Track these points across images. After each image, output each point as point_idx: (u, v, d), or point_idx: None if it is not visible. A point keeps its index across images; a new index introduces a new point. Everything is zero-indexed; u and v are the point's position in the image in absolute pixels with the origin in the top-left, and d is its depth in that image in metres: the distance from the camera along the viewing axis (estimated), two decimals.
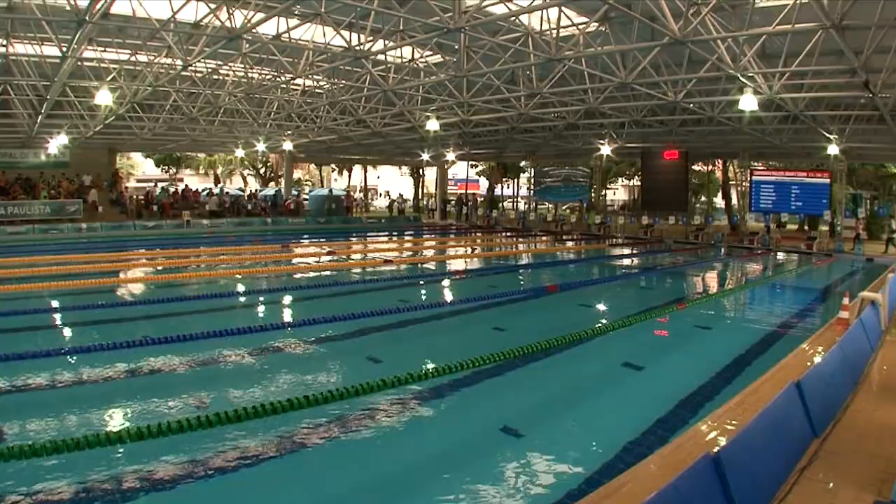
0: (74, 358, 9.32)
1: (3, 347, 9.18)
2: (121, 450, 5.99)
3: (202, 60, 18.45)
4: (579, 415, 7.77)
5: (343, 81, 24.02)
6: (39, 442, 5.50)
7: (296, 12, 15.36)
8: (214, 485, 5.59)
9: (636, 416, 7.31)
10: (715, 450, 4.03)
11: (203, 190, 44.40)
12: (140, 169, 71.91)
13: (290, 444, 6.34)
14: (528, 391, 8.43)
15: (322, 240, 31.07)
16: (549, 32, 16.39)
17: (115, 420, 7.28)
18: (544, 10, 15.61)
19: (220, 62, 21.36)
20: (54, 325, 12.55)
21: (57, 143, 31.46)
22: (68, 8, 14.28)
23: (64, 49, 16.39)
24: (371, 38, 16.73)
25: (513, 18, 15.80)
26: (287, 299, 15.70)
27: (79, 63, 19.56)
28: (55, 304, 14.49)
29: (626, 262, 25.15)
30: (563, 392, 8.55)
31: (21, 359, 8.78)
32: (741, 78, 16.96)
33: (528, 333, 10.63)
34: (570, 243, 31.49)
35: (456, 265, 22.79)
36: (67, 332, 12.17)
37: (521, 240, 33.63)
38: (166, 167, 66.92)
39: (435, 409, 7.75)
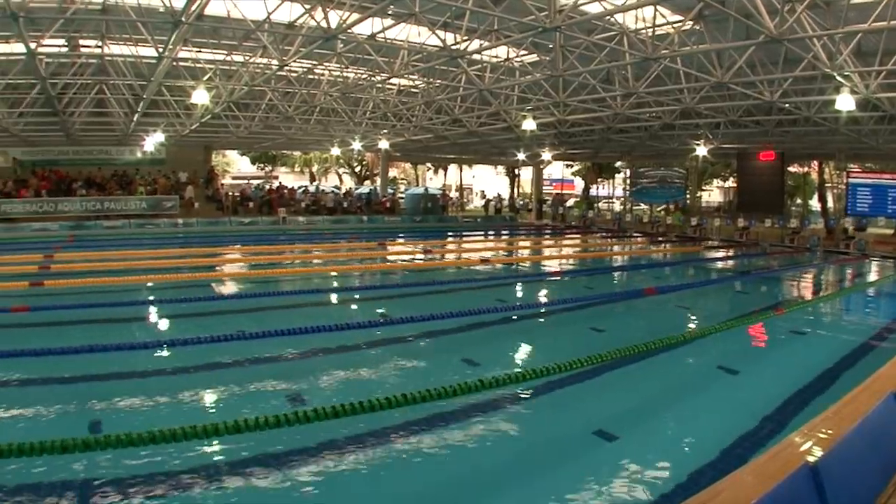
0: (169, 351, 10.08)
1: (100, 338, 9.90)
2: (216, 443, 6.43)
3: (297, 60, 19.43)
4: (673, 419, 8.02)
5: (439, 81, 24.96)
6: (136, 432, 5.86)
7: (389, 12, 16.17)
8: (308, 480, 5.97)
9: (730, 422, 7.54)
10: (812, 460, 4.15)
11: (299, 188, 46.80)
12: (235, 166, 75.29)
13: (384, 441, 6.77)
14: (623, 394, 8.76)
15: (418, 238, 32.40)
16: (644, 31, 17.07)
17: (210, 413, 7.80)
18: (639, 9, 16.29)
19: (314, 62, 22.55)
20: (149, 318, 13.38)
21: (153, 141, 33.84)
22: (161, 10, 15.37)
23: (160, 50, 17.68)
24: (466, 37, 17.49)
25: (607, 17, 16.19)
26: (382, 297, 16.27)
27: (174, 63, 21.08)
28: (151, 297, 15.30)
29: (722, 264, 25.92)
30: (657, 396, 8.85)
31: (119, 350, 9.53)
32: (837, 77, 17.29)
33: (625, 335, 11.05)
34: (665, 245, 31.91)
35: (552, 266, 23.40)
36: (163, 324, 13.02)
37: (616, 241, 34.40)
38: (262, 165, 70.81)
39: (529, 409, 8.15)
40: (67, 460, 5.93)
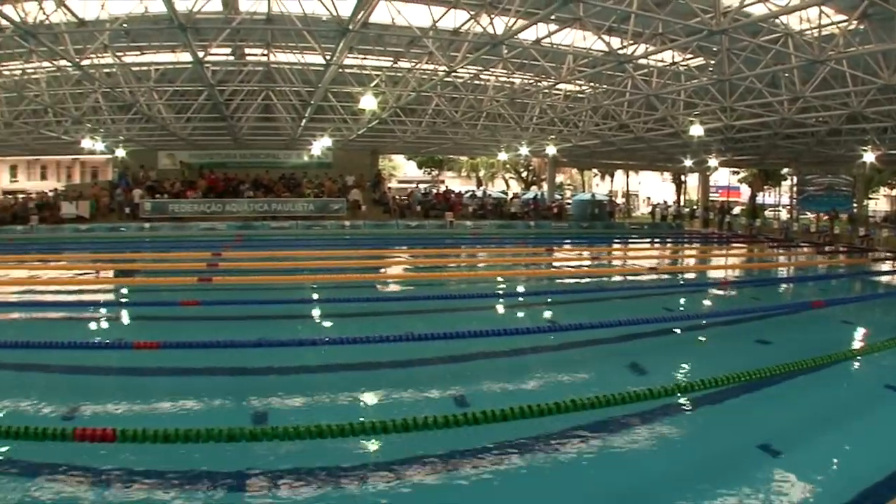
0: (331, 348, 10.78)
1: (267, 333, 11.05)
2: (369, 441, 7.02)
3: (464, 66, 20.57)
4: (838, 437, 8.14)
5: (605, 86, 26.08)
6: (291, 425, 6.26)
7: (553, 17, 16.74)
8: (470, 482, 6.42)
9: None
10: None
11: (466, 192, 48.51)
12: (402, 170, 79.49)
13: (547, 447, 7.16)
14: (787, 409, 8.99)
15: (584, 244, 33.75)
16: (808, 33, 17.44)
17: (364, 411, 8.45)
18: (803, 10, 16.39)
19: (480, 67, 23.66)
20: (315, 317, 14.64)
21: (320, 145, 36.37)
22: (325, 18, 17.08)
23: (327, 57, 19.28)
24: (632, 41, 18.34)
25: (771, 19, 16.49)
26: (548, 303, 16.90)
27: (340, 70, 22.59)
28: (317, 296, 16.72)
29: (890, 278, 26.24)
30: (822, 412, 9.06)
31: (283, 346, 10.50)
32: None
33: (792, 349, 11.28)
34: (832, 256, 32.28)
35: (717, 275, 24.02)
36: (328, 323, 14.16)
37: (782, 250, 34.91)
38: (428, 169, 74.60)
39: (693, 420, 8.54)
40: (230, 449, 6.58)
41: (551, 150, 38.73)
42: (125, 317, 15.34)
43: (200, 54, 19.87)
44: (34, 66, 23.76)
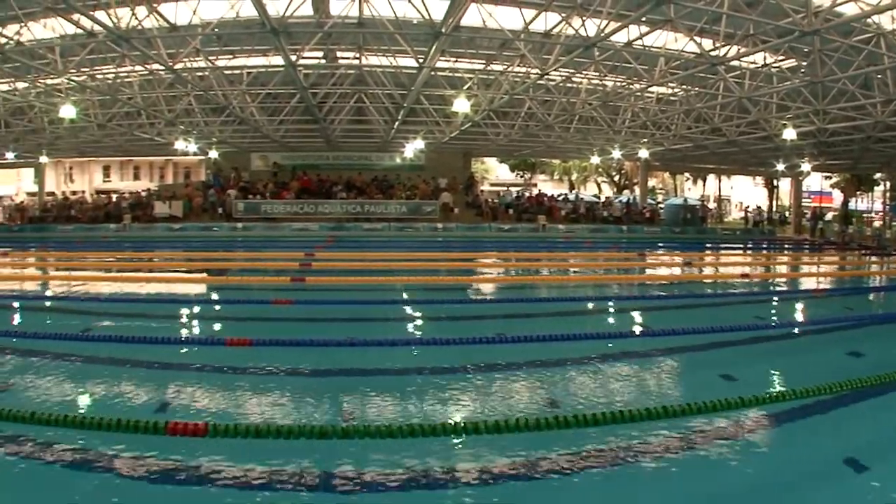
0: (422, 349, 11.09)
1: (358, 333, 11.28)
2: (456, 441, 7.01)
3: (556, 69, 20.88)
4: None
5: (697, 88, 26.14)
6: (373, 425, 6.49)
7: (643, 19, 16.83)
8: (545, 487, 6.39)
9: None
10: None
11: (559, 195, 48.85)
12: (494, 173, 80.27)
13: (630, 453, 7.06)
14: (878, 424, 8.75)
15: (676, 249, 33.48)
16: None
17: (452, 411, 8.53)
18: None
19: (572, 70, 23.98)
20: (405, 317, 14.82)
21: (413, 148, 37.13)
22: (415, 21, 17.45)
23: (420, 60, 19.74)
24: (723, 43, 18.39)
25: (863, 19, 16.29)
26: (640, 308, 17.00)
27: (432, 73, 22.95)
28: (407, 297, 16.86)
29: None
30: None
31: (379, 345, 10.77)
32: None
33: (886, 361, 10.87)
34: None
35: (809, 283, 23.82)
36: (418, 324, 14.40)
37: (875, 259, 33.50)
38: (521, 172, 74.95)
39: (779, 431, 8.30)
40: (316, 446, 6.67)
41: (644, 153, 38.79)
42: (217, 314, 15.88)
43: (293, 58, 20.44)
44: (127, 69, 24.64)
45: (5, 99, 27.49)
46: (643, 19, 16.97)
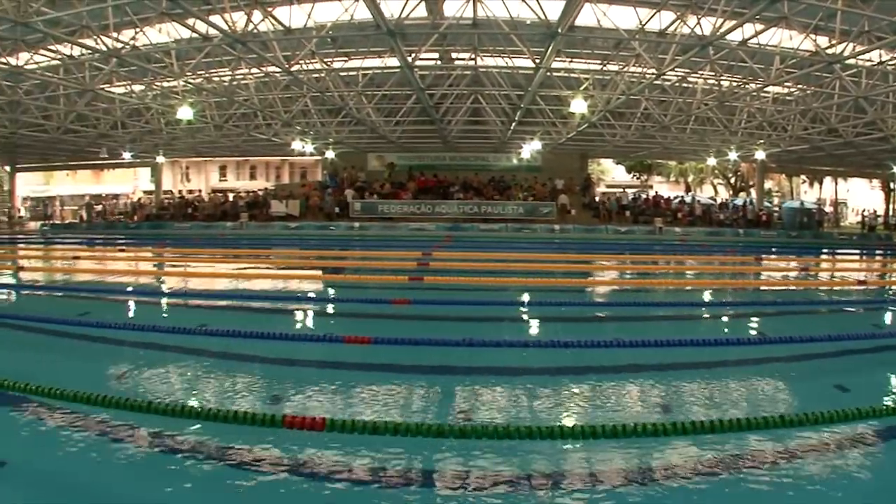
0: (536, 351, 11.19)
1: (474, 333, 11.45)
2: (567, 446, 7.03)
3: (672, 69, 21.07)
4: None
5: (812, 88, 25.85)
6: (490, 425, 6.55)
7: (757, 17, 16.76)
8: (652, 495, 6.30)
9: None
10: None
11: (675, 197, 48.35)
12: (610, 174, 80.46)
13: (740, 465, 6.86)
14: None
15: (793, 254, 32.86)
16: None
17: (563, 414, 8.57)
18: None
19: (687, 70, 24.07)
20: (519, 318, 14.85)
21: (530, 149, 37.78)
22: (528, 22, 17.95)
23: (536, 61, 20.23)
24: (838, 40, 18.20)
25: None
26: (754, 314, 16.38)
27: (548, 73, 23.42)
28: (523, 298, 16.93)
29: None
30: None
31: (497, 346, 10.90)
32: None
33: None
34: None
35: None
36: (533, 325, 14.35)
37: None
38: (637, 174, 75.43)
39: (891, 447, 7.86)
40: (429, 444, 6.79)
41: (760, 154, 38.44)
42: (335, 312, 16.34)
43: (409, 59, 21.13)
44: (243, 72, 25.87)
45: (122, 101, 28.88)
46: (757, 17, 16.97)
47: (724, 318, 16.04)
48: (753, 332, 14.32)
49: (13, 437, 7.53)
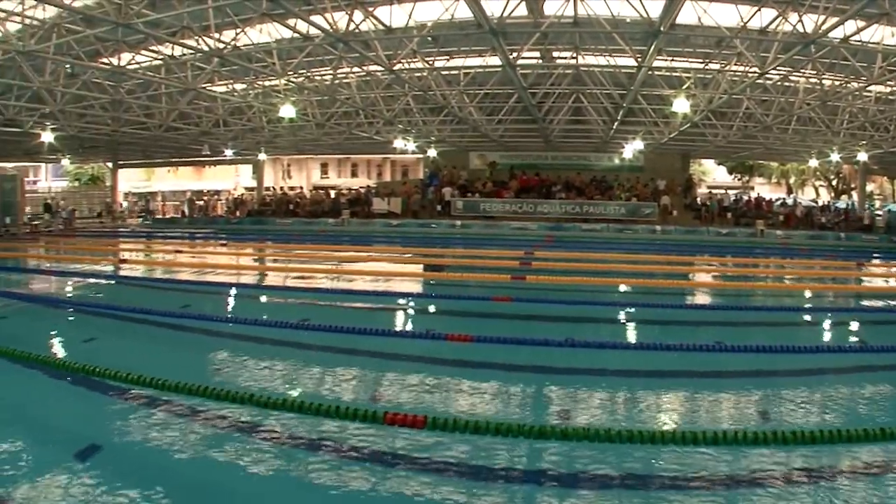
0: (634, 353, 11.61)
1: (574, 333, 11.76)
2: (665, 450, 7.16)
3: (774, 67, 20.96)
4: None
5: None
6: (581, 427, 6.90)
7: (858, 14, 16.57)
8: (744, 501, 6.46)
9: None
10: None
11: (776, 199, 48.59)
12: (711, 175, 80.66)
13: (840, 476, 6.98)
14: None
15: (893, 260, 32.60)
16: None
17: (661, 419, 8.84)
18: None
19: (789, 68, 23.96)
20: (620, 320, 15.33)
21: (632, 148, 38.08)
22: (628, 20, 18.31)
23: (639, 59, 20.63)
24: None
25: None
26: (855, 320, 16.64)
27: (649, 72, 23.64)
28: (623, 299, 17.66)
29: None
30: None
31: (601, 347, 11.23)
32: None
33: None
34: None
35: None
36: (632, 327, 14.94)
37: None
38: (738, 175, 75.15)
39: None
40: (527, 444, 7.16)
41: (862, 156, 38.14)
42: (437, 309, 17.03)
43: (511, 56, 21.49)
44: (345, 71, 26.60)
45: (224, 99, 29.90)
46: (859, 13, 16.80)
47: (825, 325, 16.12)
48: (854, 340, 14.44)
49: (109, 424, 8.23)
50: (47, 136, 31.96)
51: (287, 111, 25.63)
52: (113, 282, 22.00)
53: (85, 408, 9.04)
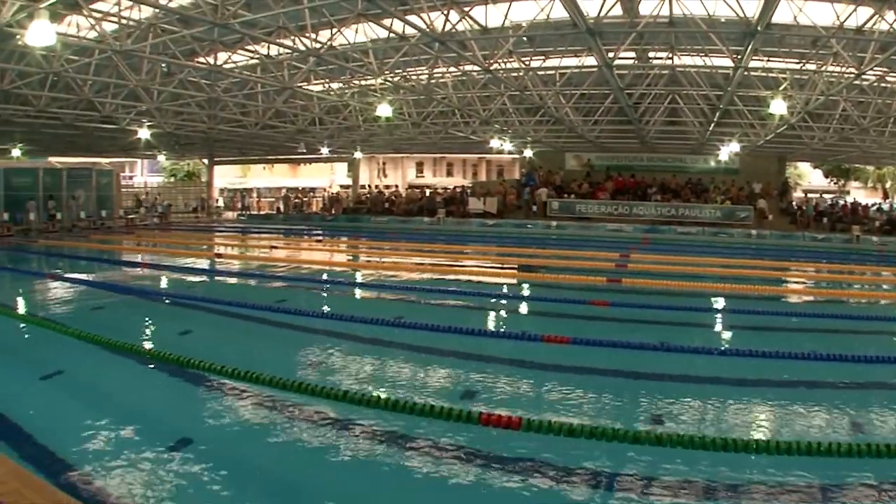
0: (727, 360, 11.37)
1: (669, 337, 12.01)
2: (756, 459, 7.11)
3: (872, 68, 20.74)
4: None
5: None
6: (674, 433, 6.86)
7: None
8: None
9: None
10: None
11: (872, 205, 47.72)
12: (807, 179, 79.53)
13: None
14: None
15: None
16: None
17: (753, 427, 8.90)
18: None
19: (885, 69, 23.92)
20: (713, 325, 15.49)
21: (728, 151, 38.23)
22: (723, 20, 18.40)
23: (736, 59, 20.61)
24: None
25: None
26: None
27: (745, 72, 23.52)
28: (718, 304, 17.57)
29: None
30: None
31: (695, 352, 11.39)
32: None
33: None
34: None
35: None
36: (726, 333, 14.90)
37: None
38: (834, 178, 74.33)
39: None
40: (625, 451, 7.20)
41: None
42: (532, 310, 17.29)
43: (609, 56, 21.67)
44: (441, 70, 27.18)
45: (320, 98, 30.80)
46: None
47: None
48: None
49: (201, 416, 8.61)
50: (144, 133, 33.69)
51: (384, 110, 26.07)
52: (208, 276, 22.73)
53: (179, 399, 9.49)
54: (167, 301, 17.48)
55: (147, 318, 15.05)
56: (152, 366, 10.76)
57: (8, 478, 4.12)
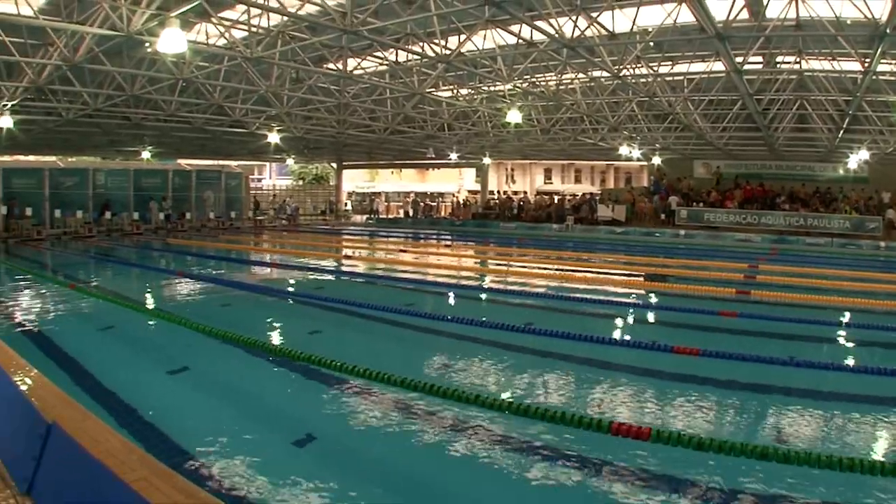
0: (852, 376, 11.18)
1: (796, 352, 11.90)
2: (886, 481, 6.79)
3: None
4: None
5: None
6: (794, 450, 6.69)
7: None
8: None
9: None
10: None
11: None
12: None
13: None
14: None
15: None
16: None
17: (881, 447, 8.59)
18: None
19: None
20: (838, 339, 15.13)
21: (857, 158, 37.24)
22: (849, 22, 18.18)
23: (867, 63, 20.34)
24: None
25: None
26: None
27: (874, 76, 22.98)
28: (844, 319, 16.87)
29: None
30: None
31: (814, 366, 10.78)
32: None
33: None
34: None
35: None
36: (855, 349, 14.35)
37: None
38: None
39: None
40: (752, 467, 7.01)
41: None
42: (657, 319, 17.17)
43: (738, 60, 21.58)
44: (570, 76, 27.45)
45: (449, 104, 31.30)
46: None
47: None
48: None
49: (326, 414, 8.89)
50: (273, 138, 34.59)
51: (513, 116, 26.32)
52: (337, 276, 23.47)
53: (305, 397, 9.91)
54: (295, 300, 18.43)
55: (274, 316, 15.89)
56: (280, 363, 11.24)
57: (137, 465, 4.50)
